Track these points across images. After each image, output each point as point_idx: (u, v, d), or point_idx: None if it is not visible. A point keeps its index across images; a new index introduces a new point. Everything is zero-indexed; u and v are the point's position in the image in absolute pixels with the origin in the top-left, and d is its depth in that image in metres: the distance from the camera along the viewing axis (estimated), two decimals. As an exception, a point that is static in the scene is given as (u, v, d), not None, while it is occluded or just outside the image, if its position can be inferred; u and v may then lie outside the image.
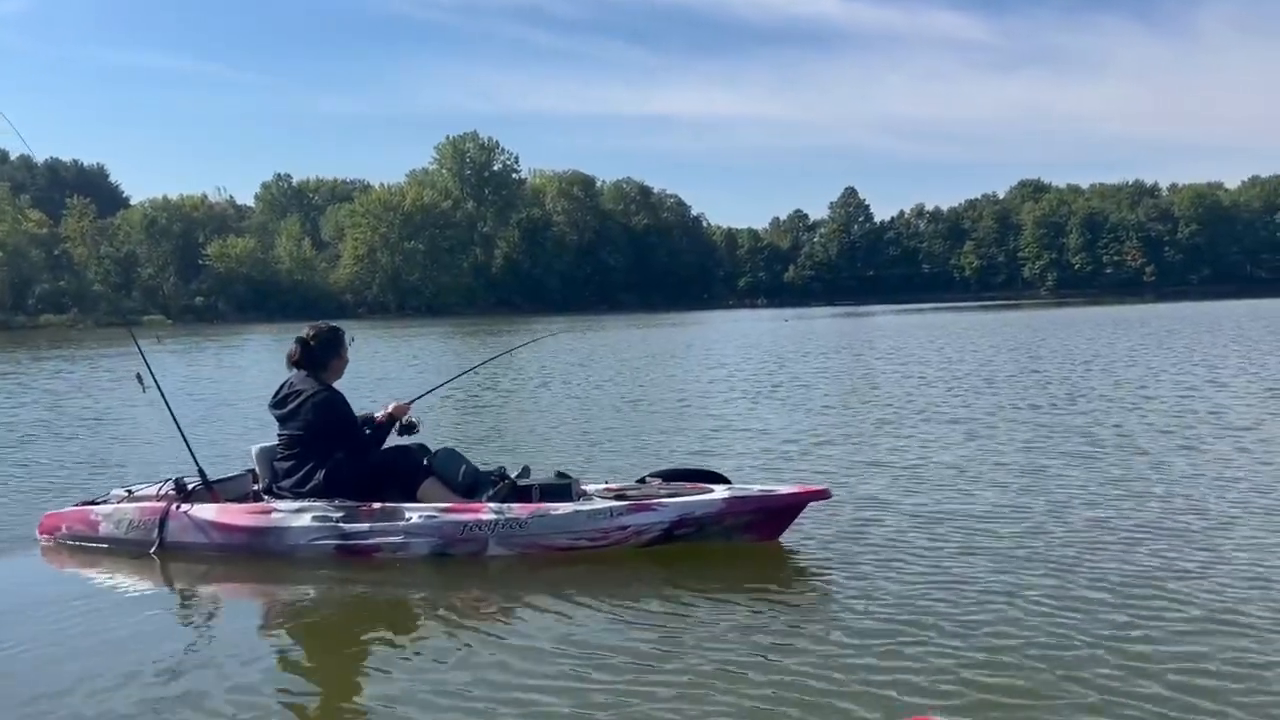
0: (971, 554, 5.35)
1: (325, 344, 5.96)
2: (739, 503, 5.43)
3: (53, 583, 5.73)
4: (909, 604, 4.59)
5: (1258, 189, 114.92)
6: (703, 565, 5.30)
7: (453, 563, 5.50)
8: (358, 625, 4.90)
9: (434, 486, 5.70)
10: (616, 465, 8.19)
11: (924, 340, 27.76)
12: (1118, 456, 8.10)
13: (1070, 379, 14.66)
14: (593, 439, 10.19)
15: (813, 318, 57.09)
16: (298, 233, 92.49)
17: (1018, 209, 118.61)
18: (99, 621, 4.89)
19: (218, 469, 6.44)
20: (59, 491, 7.97)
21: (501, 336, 37.60)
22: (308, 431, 5.74)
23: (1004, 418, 10.39)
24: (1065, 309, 57.65)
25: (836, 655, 4.02)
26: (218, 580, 5.63)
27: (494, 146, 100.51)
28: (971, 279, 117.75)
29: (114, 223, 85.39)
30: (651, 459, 8.48)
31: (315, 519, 5.60)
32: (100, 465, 9.45)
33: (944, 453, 8.45)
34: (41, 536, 6.31)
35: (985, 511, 6.30)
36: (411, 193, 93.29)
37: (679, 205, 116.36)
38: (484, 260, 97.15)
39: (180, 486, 5.95)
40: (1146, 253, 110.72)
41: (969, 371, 16.62)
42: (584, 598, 4.87)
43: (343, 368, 6.02)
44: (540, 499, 5.60)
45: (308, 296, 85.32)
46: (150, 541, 5.84)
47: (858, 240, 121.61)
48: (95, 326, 70.99)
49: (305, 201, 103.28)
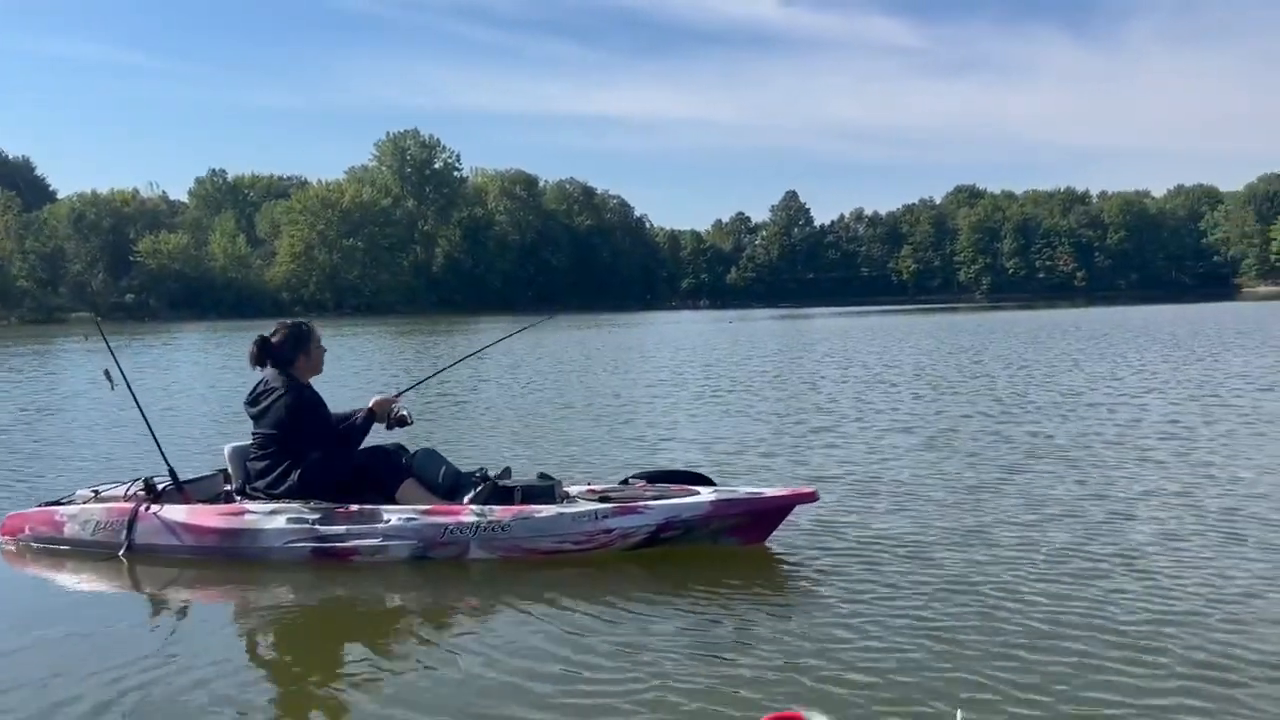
0: (956, 555, 5.39)
1: (289, 340, 5.78)
2: (726, 505, 5.37)
3: (15, 586, 5.53)
4: (896, 606, 4.60)
5: (1182, 198, 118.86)
6: (689, 569, 5.24)
7: (433, 566, 5.38)
8: (334, 630, 4.79)
9: (413, 488, 5.59)
10: (586, 468, 8.14)
11: (872, 343, 28.11)
12: (1086, 457, 8.26)
13: (1022, 382, 14.94)
14: (566, 442, 10.10)
15: (755, 319, 57.48)
16: (232, 229, 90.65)
17: (954, 214, 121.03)
18: (64, 626, 4.71)
19: (183, 469, 6.24)
20: (20, 491, 7.70)
21: (448, 337, 37.14)
22: (280, 430, 5.59)
23: (974, 421, 10.43)
24: (1001, 312, 58.83)
25: (825, 659, 4.00)
26: (189, 584, 5.44)
27: (435, 144, 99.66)
28: (909, 282, 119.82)
29: (40, 216, 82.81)
30: (622, 464, 8.43)
31: (290, 521, 5.46)
32: (61, 465, 9.15)
33: (923, 455, 8.50)
34: (3, 538, 6.08)
35: (969, 512, 6.34)
36: (350, 190, 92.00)
37: (622, 206, 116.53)
38: (425, 259, 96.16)
39: (150, 487, 5.75)
40: (1078, 258, 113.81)
41: (928, 375, 16.86)
42: (568, 602, 4.80)
43: (316, 365, 5.85)
44: (522, 501, 5.51)
45: (242, 294, 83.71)
46: (118, 544, 5.64)
47: (798, 243, 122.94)
48: (19, 324, 68.83)
49: (240, 198, 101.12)
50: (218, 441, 9.53)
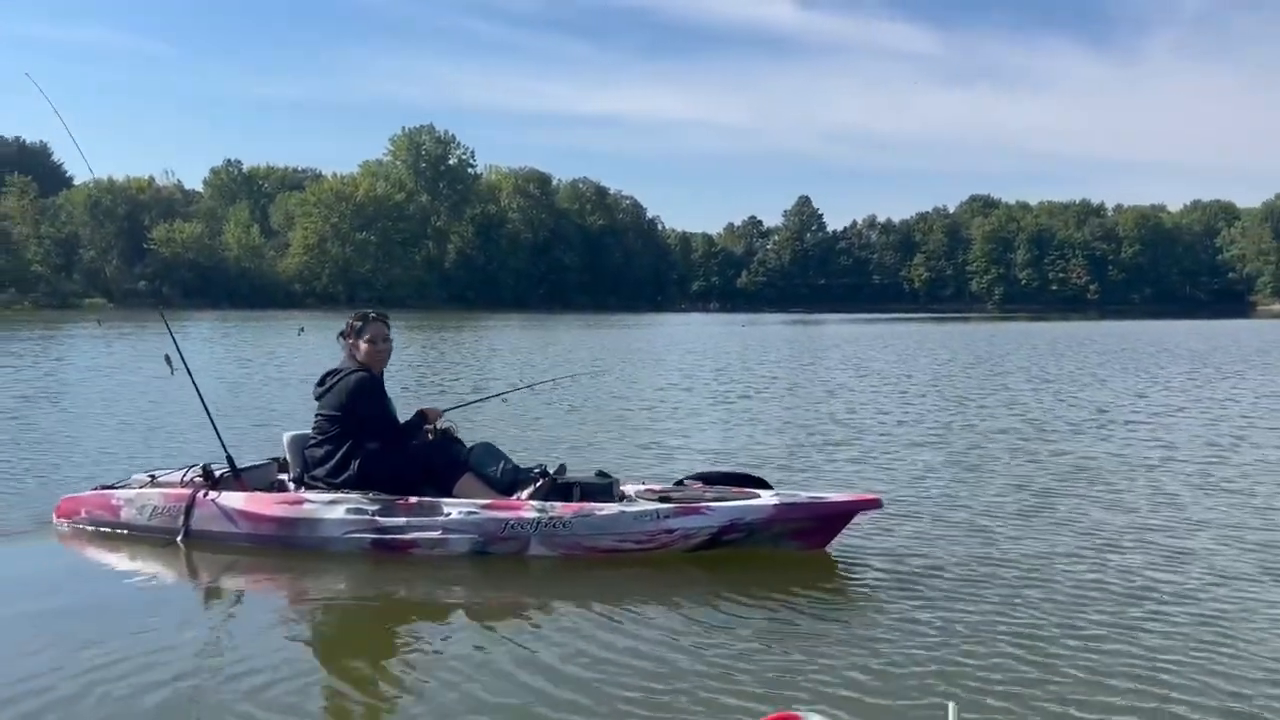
0: (1018, 567, 5.30)
1: (352, 324, 5.84)
2: (789, 509, 5.31)
3: (70, 569, 5.50)
4: (960, 618, 4.51)
5: (1198, 213, 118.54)
6: (749, 572, 5.18)
7: (492, 561, 5.34)
8: (391, 624, 4.75)
9: (471, 482, 5.56)
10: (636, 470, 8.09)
11: (886, 351, 28.07)
12: (1131, 474, 8.15)
13: (1048, 397, 14.87)
14: (580, 446, 10.05)
15: (766, 324, 57.35)
16: (247, 220, 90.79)
17: (967, 223, 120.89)
18: (118, 612, 4.71)
19: (207, 456, 6.19)
20: (73, 474, 7.70)
21: (457, 333, 37.14)
22: (340, 412, 5.58)
23: (1005, 437, 10.22)
24: (1014, 323, 58.75)
25: (884, 666, 3.96)
26: (245, 572, 5.42)
27: (450, 140, 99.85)
28: (920, 291, 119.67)
29: (56, 202, 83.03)
30: (644, 474, 8.38)
31: (350, 511, 5.43)
32: (112, 448, 9.14)
33: (956, 470, 8.31)
34: (58, 520, 6.06)
35: (1018, 531, 6.20)
36: (364, 183, 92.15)
37: (635, 207, 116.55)
38: (437, 254, 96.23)
39: (208, 473, 5.74)
40: (1091, 271, 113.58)
41: (948, 386, 16.80)
42: (628, 602, 4.76)
43: (375, 355, 5.78)
44: (581, 498, 5.48)
45: (255, 284, 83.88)
46: (175, 529, 5.63)
47: (810, 249, 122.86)
48: (34, 308, 69.04)
49: (255, 188, 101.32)
50: (242, 430, 9.55)
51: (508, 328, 44.21)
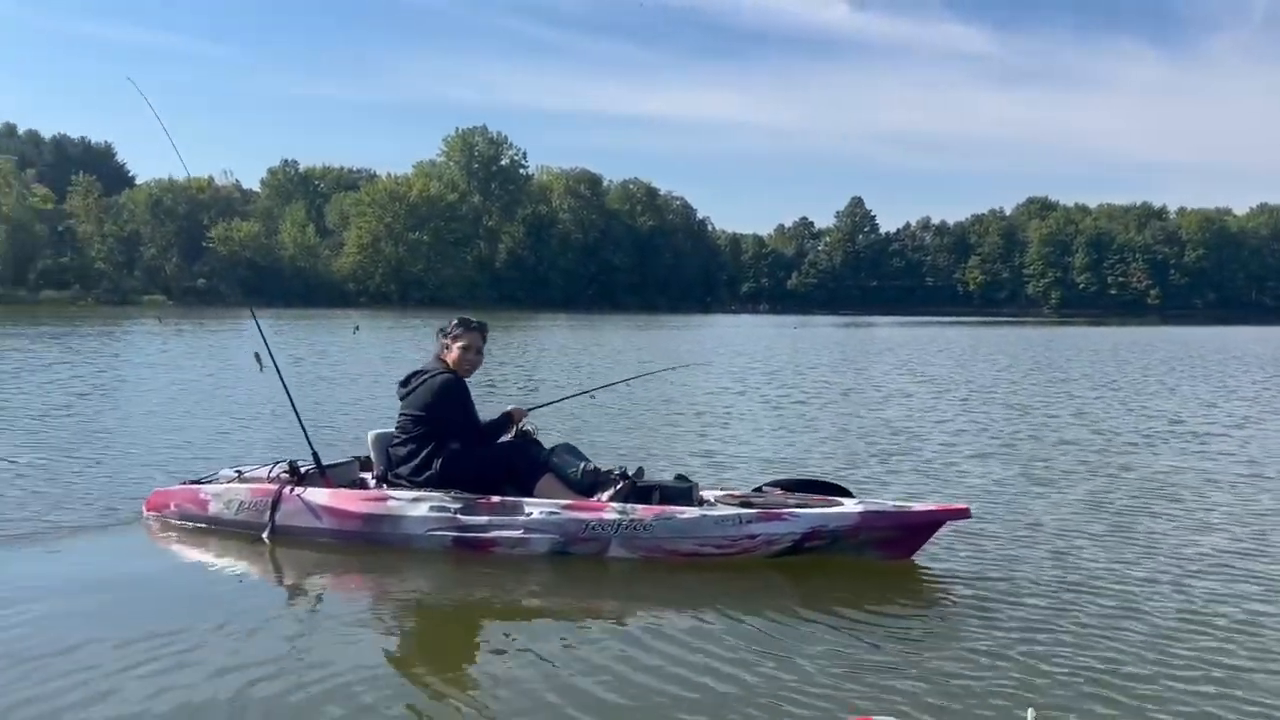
0: (1098, 584, 5.16)
1: (444, 328, 5.92)
2: (874, 517, 5.23)
3: (159, 562, 5.61)
4: (1041, 633, 4.41)
5: (1265, 216, 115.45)
6: (830, 580, 5.12)
7: (572, 562, 5.36)
8: (471, 623, 4.78)
9: (551, 483, 5.57)
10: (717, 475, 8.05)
11: (940, 354, 27.74)
12: (1213, 491, 7.90)
13: (1117, 406, 14.57)
14: (631, 450, 10.03)
15: (817, 326, 56.94)
16: (302, 219, 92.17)
17: (1024, 226, 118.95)
18: (204, 604, 4.78)
19: (273, 453, 6.26)
20: (162, 468, 7.88)
21: (505, 333, 37.29)
22: (425, 412, 5.64)
23: (1075, 449, 9.93)
24: (1073, 328, 57.72)
25: (964, 679, 3.88)
26: (329, 568, 5.48)
27: (502, 141, 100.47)
28: (975, 294, 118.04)
29: (119, 201, 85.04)
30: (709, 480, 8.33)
31: (433, 509, 5.47)
32: (197, 444, 9.32)
33: (1056, 479, 8.09)
34: (148, 514, 6.19)
35: (1108, 539, 6.07)
36: (418, 184, 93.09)
37: (685, 208, 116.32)
38: (488, 254, 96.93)
39: (294, 469, 5.82)
40: (1152, 275, 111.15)
41: (1011, 392, 16.53)
42: (708, 607, 4.73)
43: (466, 362, 5.83)
44: (661, 501, 5.46)
45: (310, 283, 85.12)
46: (262, 524, 5.71)
47: (862, 250, 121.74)
48: (96, 304, 70.81)
49: (311, 188, 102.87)
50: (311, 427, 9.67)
51: (556, 328, 44.31)
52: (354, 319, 46.89)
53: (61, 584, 5.06)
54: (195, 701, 3.65)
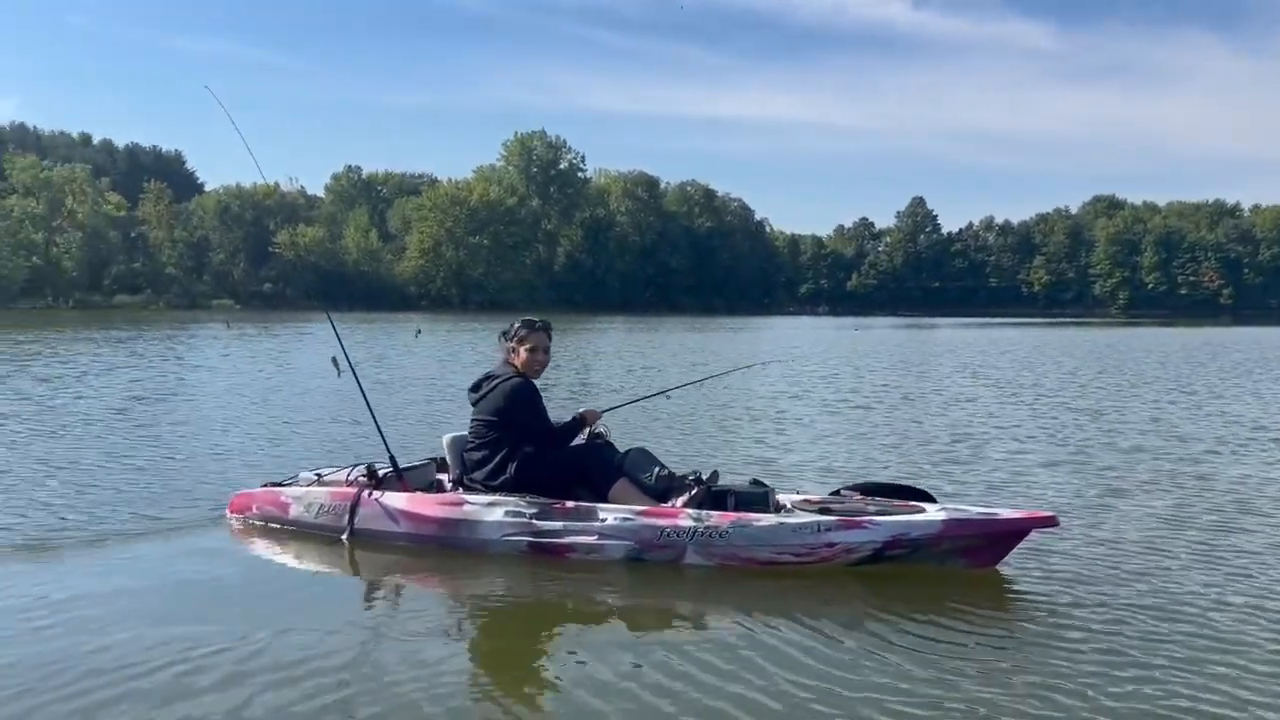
0: (1190, 604, 4.94)
1: (510, 330, 5.91)
2: (958, 525, 5.09)
3: (241, 563, 5.71)
4: (1128, 650, 4.27)
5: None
6: (912, 589, 5.01)
7: (647, 568, 5.34)
8: (546, 628, 4.78)
9: (626, 488, 5.56)
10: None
11: (1005, 356, 27.22)
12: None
13: (1204, 413, 14.13)
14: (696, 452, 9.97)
15: (878, 328, 56.22)
16: (365, 224, 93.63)
17: (1091, 225, 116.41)
18: (284, 606, 4.86)
19: (346, 456, 6.31)
20: (241, 470, 8.06)
21: (561, 336, 37.43)
22: (498, 417, 5.66)
23: (1161, 459, 9.56)
24: (1142, 328, 56.27)
25: (1046, 692, 3.78)
26: (405, 571, 5.53)
27: (561, 145, 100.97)
28: (1040, 294, 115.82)
29: (189, 208, 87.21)
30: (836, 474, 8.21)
31: (508, 514, 5.49)
32: (278, 446, 9.53)
33: (1133, 490, 7.81)
34: (231, 515, 6.32)
35: (1197, 555, 5.84)
36: (478, 188, 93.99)
37: (743, 209, 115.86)
38: (547, 258, 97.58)
39: (372, 472, 5.89)
40: (1224, 274, 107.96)
41: (1095, 396, 16.14)
42: (785, 616, 4.66)
43: (535, 363, 5.86)
44: (736, 507, 5.42)
45: (373, 287, 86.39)
46: (341, 527, 5.79)
47: (924, 251, 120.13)
48: (167, 308, 72.72)
49: (374, 194, 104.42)
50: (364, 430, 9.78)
51: (614, 330, 44.37)
52: (415, 322, 47.47)
53: (150, 584, 5.20)
54: (269, 697, 3.73)
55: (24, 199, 74.46)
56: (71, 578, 5.27)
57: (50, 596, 4.90)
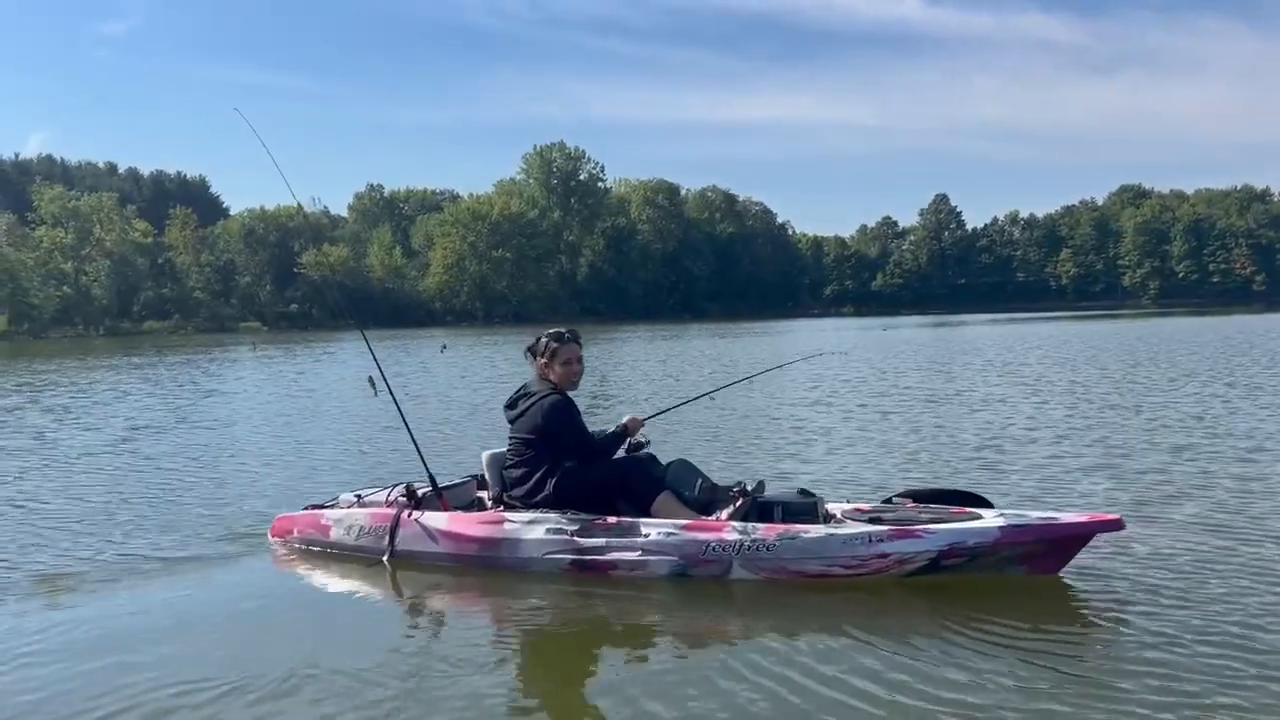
0: (1266, 611, 4.69)
1: (544, 345, 5.78)
2: (1017, 532, 4.88)
3: (285, 588, 5.64)
4: (1208, 658, 4.09)
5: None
6: (971, 601, 4.80)
7: (693, 584, 5.19)
8: (591, 648, 4.66)
9: (669, 501, 5.43)
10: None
11: (1037, 351, 26.84)
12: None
13: (1258, 406, 13.78)
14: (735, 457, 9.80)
15: (904, 327, 55.60)
16: (389, 242, 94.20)
17: (1118, 215, 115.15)
18: (326, 629, 4.81)
19: (380, 473, 6.23)
20: (282, 493, 8.01)
21: (588, 347, 37.31)
22: (536, 435, 5.56)
23: (1220, 451, 9.23)
24: (1176, 319, 55.42)
25: (1115, 707, 3.62)
26: (449, 590, 5.44)
27: (580, 156, 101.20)
28: (1068, 287, 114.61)
29: (214, 232, 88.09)
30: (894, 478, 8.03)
31: (549, 531, 5.38)
32: (318, 468, 9.47)
33: (1234, 483, 7.54)
34: (273, 539, 6.26)
35: (1265, 560, 5.54)
36: (499, 202, 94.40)
37: (764, 213, 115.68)
38: (569, 269, 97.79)
39: (411, 493, 5.80)
40: (1256, 260, 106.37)
41: (1136, 391, 15.83)
42: (837, 631, 4.50)
43: (571, 375, 5.77)
44: (784, 518, 5.27)
45: (398, 304, 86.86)
46: (381, 549, 5.71)
47: (949, 248, 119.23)
48: (195, 332, 73.43)
49: (396, 211, 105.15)
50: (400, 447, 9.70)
51: (637, 339, 44.21)
52: (440, 338, 47.58)
53: (199, 609, 5.18)
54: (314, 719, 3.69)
55: (53, 230, 75.55)
56: (118, 611, 5.20)
57: (98, 631, 4.85)
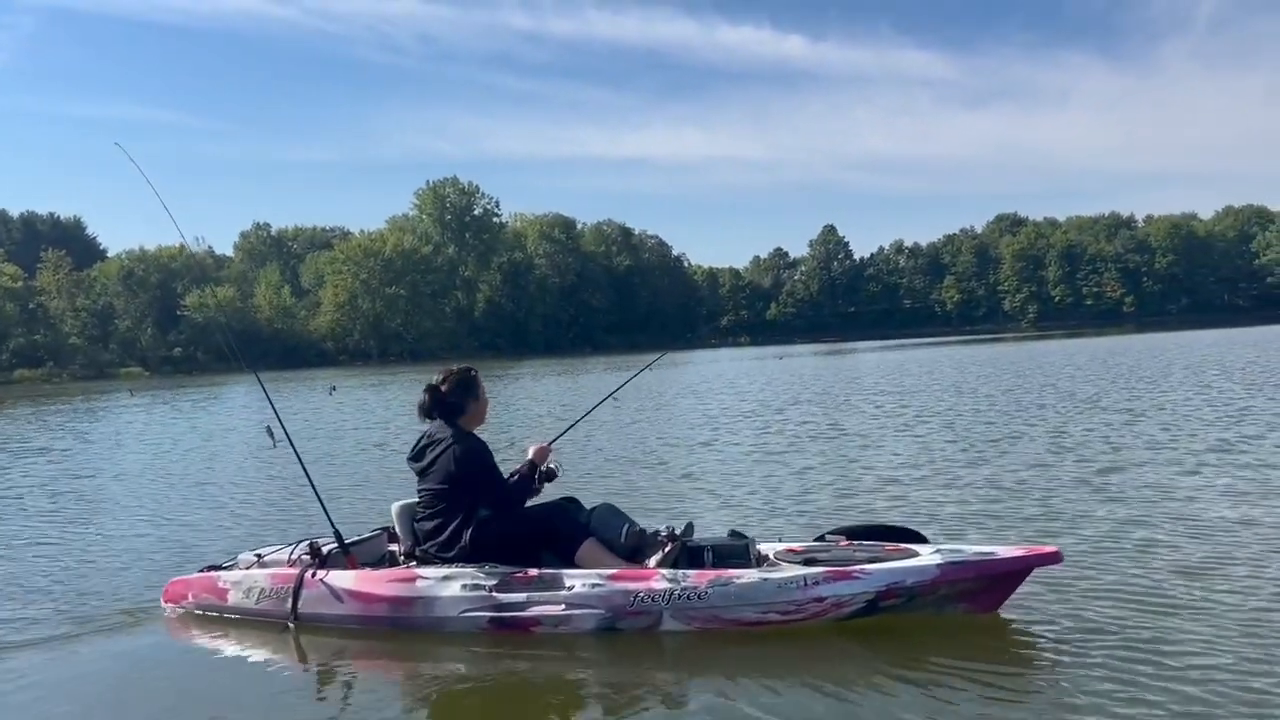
0: (1213, 630, 4.68)
1: (459, 387, 5.41)
2: (955, 569, 4.72)
3: (179, 659, 5.17)
4: (1155, 692, 4.01)
5: (1231, 218, 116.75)
6: (910, 643, 4.64)
7: (621, 639, 4.90)
8: (514, 711, 4.37)
9: (594, 549, 5.14)
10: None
11: (933, 377, 27.46)
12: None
13: (1159, 427, 14.19)
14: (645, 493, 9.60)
15: (799, 355, 56.43)
16: (277, 281, 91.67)
17: (996, 243, 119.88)
18: (227, 706, 4.39)
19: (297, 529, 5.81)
20: (175, 555, 7.42)
21: (491, 382, 36.76)
22: (450, 484, 5.19)
23: (1145, 470, 9.34)
24: (1053, 341, 57.65)
25: None
26: (356, 656, 5.04)
27: (474, 191, 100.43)
28: (953, 313, 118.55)
29: (90, 275, 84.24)
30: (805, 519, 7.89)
31: (466, 587, 5.02)
32: (213, 525, 8.82)
33: (1165, 506, 7.53)
34: (166, 605, 5.75)
35: (1227, 578, 5.53)
36: (392, 238, 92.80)
37: (660, 245, 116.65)
38: (466, 304, 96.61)
39: (315, 550, 5.36)
40: (1125, 284, 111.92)
41: (1032, 413, 16.19)
42: (774, 682, 4.31)
43: (482, 413, 5.47)
44: (715, 562, 5.04)
45: (288, 345, 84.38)
46: (284, 613, 5.27)
47: (838, 277, 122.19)
48: (71, 380, 69.74)
49: (284, 250, 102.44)
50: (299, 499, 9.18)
51: (533, 374, 43.73)
52: (330, 379, 46.19)
53: (78, 686, 4.72)
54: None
55: (-89, 274, 71.15)
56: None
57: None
